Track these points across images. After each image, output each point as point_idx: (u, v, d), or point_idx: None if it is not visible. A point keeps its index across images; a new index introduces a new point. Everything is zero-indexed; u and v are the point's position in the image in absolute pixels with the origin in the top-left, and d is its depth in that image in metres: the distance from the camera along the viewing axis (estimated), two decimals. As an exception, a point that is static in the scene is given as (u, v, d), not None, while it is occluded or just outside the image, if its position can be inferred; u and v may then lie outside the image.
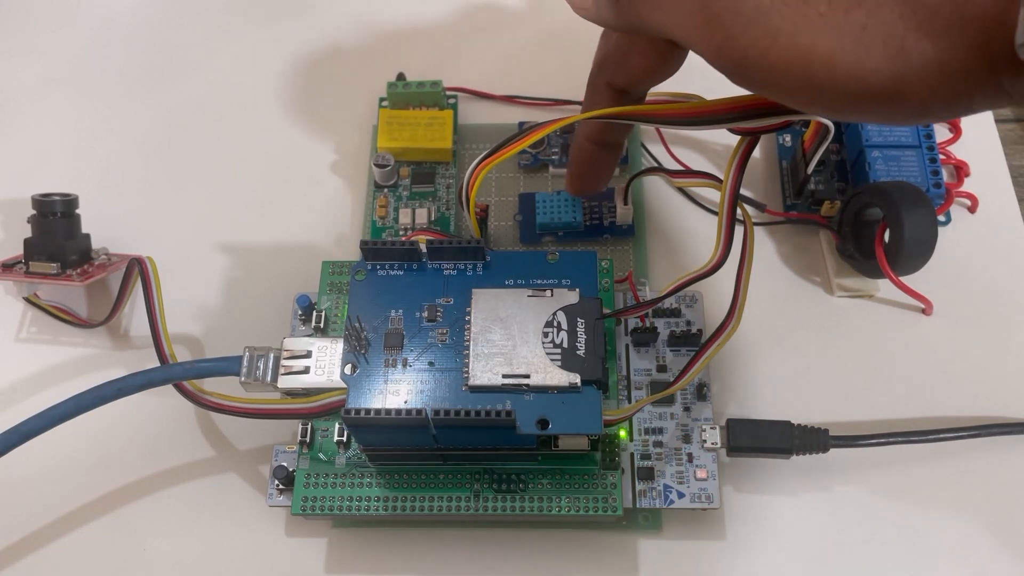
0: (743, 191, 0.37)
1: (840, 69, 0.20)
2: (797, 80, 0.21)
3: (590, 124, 0.30)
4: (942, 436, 0.34)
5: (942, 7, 0.18)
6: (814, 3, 0.20)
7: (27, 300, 0.39)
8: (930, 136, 0.38)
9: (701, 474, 0.32)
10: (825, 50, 0.20)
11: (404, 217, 0.40)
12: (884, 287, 0.38)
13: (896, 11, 0.19)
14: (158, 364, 0.34)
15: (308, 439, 0.32)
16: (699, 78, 0.28)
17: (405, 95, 0.41)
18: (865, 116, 0.21)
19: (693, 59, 0.25)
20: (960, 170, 0.40)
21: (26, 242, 0.38)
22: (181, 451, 0.36)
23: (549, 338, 0.30)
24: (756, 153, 0.37)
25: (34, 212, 0.38)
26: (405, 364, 0.30)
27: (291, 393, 0.32)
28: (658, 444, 0.33)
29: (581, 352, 0.29)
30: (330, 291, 0.35)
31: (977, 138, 0.41)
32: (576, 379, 0.29)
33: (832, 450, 0.33)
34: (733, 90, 0.24)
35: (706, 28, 0.22)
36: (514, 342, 0.30)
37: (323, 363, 0.31)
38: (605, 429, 0.30)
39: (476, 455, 0.31)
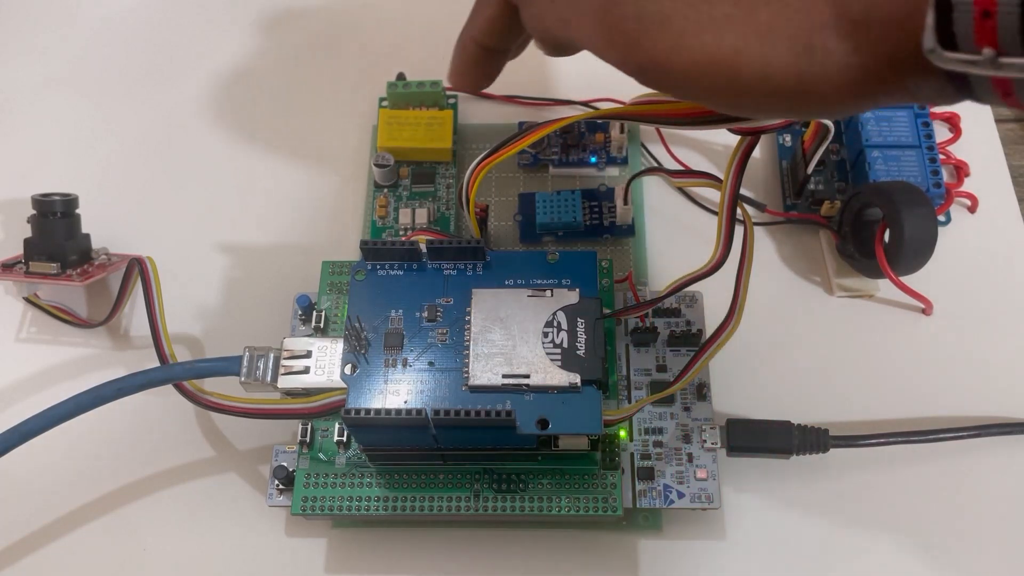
0: (743, 191, 0.37)
1: (746, 68, 0.20)
2: (704, 81, 0.21)
3: (478, 25, 0.29)
4: (942, 436, 0.34)
5: (850, 8, 0.18)
6: (719, 4, 0.20)
7: (27, 300, 0.39)
8: (930, 136, 0.38)
9: (701, 474, 0.32)
10: (731, 49, 0.20)
11: (404, 217, 0.40)
12: (884, 287, 0.38)
13: (803, 11, 0.19)
14: (158, 364, 0.34)
15: (308, 439, 0.32)
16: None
17: (405, 95, 0.41)
18: (773, 113, 0.21)
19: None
20: (960, 170, 0.40)
21: (26, 242, 0.38)
22: (181, 451, 0.36)
23: (549, 338, 0.30)
24: (756, 153, 0.37)
25: (34, 212, 0.38)
26: (405, 364, 0.30)
27: (291, 393, 0.32)
28: (658, 444, 0.33)
29: (581, 352, 0.29)
30: (330, 291, 0.35)
31: (977, 138, 0.41)
32: (576, 379, 0.29)
33: (832, 450, 0.33)
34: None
35: (608, 36, 0.22)
36: (514, 342, 0.30)
37: (323, 363, 0.31)
38: (605, 429, 0.30)
39: (476, 455, 0.31)
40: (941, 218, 0.39)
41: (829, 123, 0.34)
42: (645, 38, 0.21)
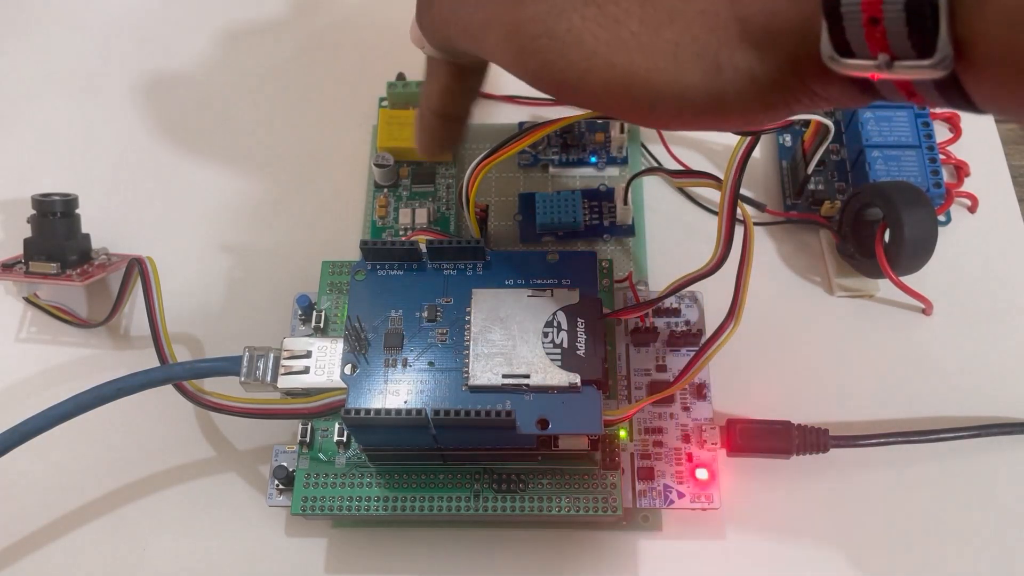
0: (743, 191, 0.37)
1: (658, 87, 0.20)
2: (619, 100, 0.21)
3: (432, 97, 0.30)
4: (942, 436, 0.34)
5: (750, 21, 0.19)
6: (625, 23, 0.20)
7: (27, 300, 0.39)
8: (930, 136, 0.38)
9: (701, 474, 0.32)
10: (642, 70, 0.20)
11: (404, 217, 0.40)
12: (884, 287, 0.38)
13: (707, 27, 0.19)
14: (158, 364, 0.34)
15: (308, 439, 0.32)
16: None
17: (405, 95, 0.41)
18: (694, 127, 0.22)
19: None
20: (960, 170, 0.40)
21: (26, 242, 0.38)
22: (181, 451, 0.36)
23: (549, 338, 0.30)
24: (756, 153, 0.37)
25: (34, 212, 0.38)
26: (405, 364, 0.30)
27: (291, 393, 0.32)
28: (658, 444, 0.33)
29: (581, 352, 0.29)
30: (330, 291, 0.35)
31: (977, 138, 0.41)
32: (576, 379, 0.29)
33: (832, 450, 0.33)
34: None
35: (519, 55, 0.22)
36: (514, 342, 0.30)
37: (323, 363, 0.31)
38: (605, 429, 0.30)
39: (476, 455, 0.31)
40: (941, 218, 0.39)
41: (829, 123, 0.34)
42: (556, 59, 0.21)
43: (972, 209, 0.40)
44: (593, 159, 0.41)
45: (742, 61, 0.19)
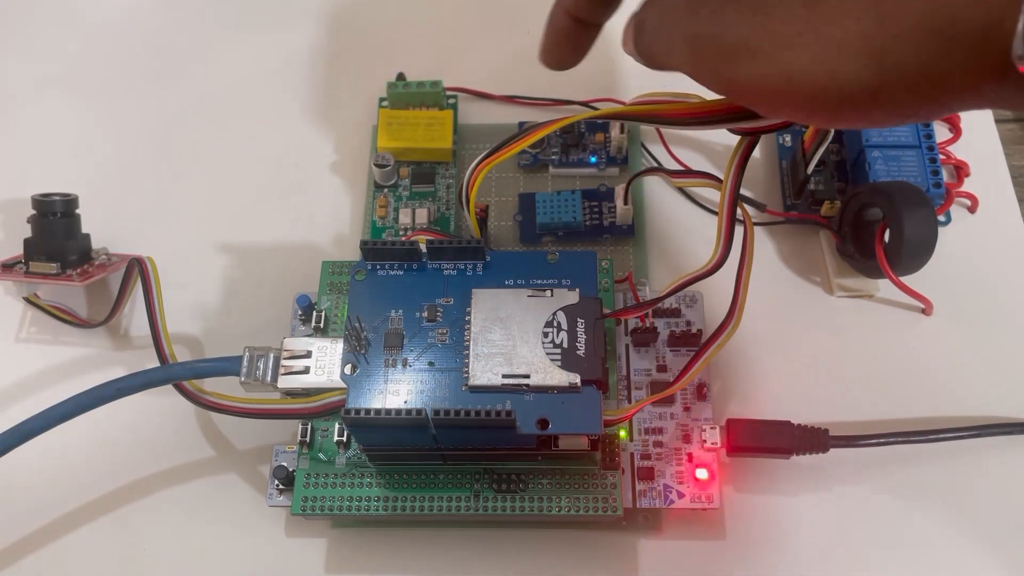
0: (743, 191, 0.37)
1: (820, 83, 0.21)
2: (784, 97, 0.22)
3: None
4: (942, 436, 0.34)
5: (931, 18, 0.19)
6: (791, 22, 0.21)
7: (27, 300, 0.39)
8: (930, 136, 0.38)
9: (701, 474, 0.32)
10: (805, 66, 0.21)
11: (404, 217, 0.40)
12: (884, 287, 0.38)
13: (872, 22, 0.19)
14: (158, 364, 0.34)
15: (308, 439, 0.32)
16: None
17: (405, 95, 0.41)
18: (850, 124, 0.22)
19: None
20: (960, 170, 0.40)
21: (26, 242, 0.38)
22: (181, 451, 0.36)
23: (549, 338, 0.30)
24: (756, 153, 0.37)
25: (34, 212, 0.38)
26: (405, 364, 0.30)
27: (291, 393, 0.32)
28: (658, 444, 0.33)
29: (581, 352, 0.29)
30: (330, 291, 0.35)
31: (977, 138, 0.41)
32: (576, 379, 0.29)
33: (832, 450, 0.33)
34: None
35: (698, 64, 0.24)
36: (514, 342, 0.30)
37: (323, 363, 0.31)
38: (605, 429, 0.30)
39: (476, 455, 0.31)
40: (941, 218, 0.39)
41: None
42: (728, 65, 0.22)
43: (972, 209, 0.40)
44: (593, 159, 0.41)
45: (910, 57, 0.19)
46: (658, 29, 0.26)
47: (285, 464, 0.32)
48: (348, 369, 0.30)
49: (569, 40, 0.30)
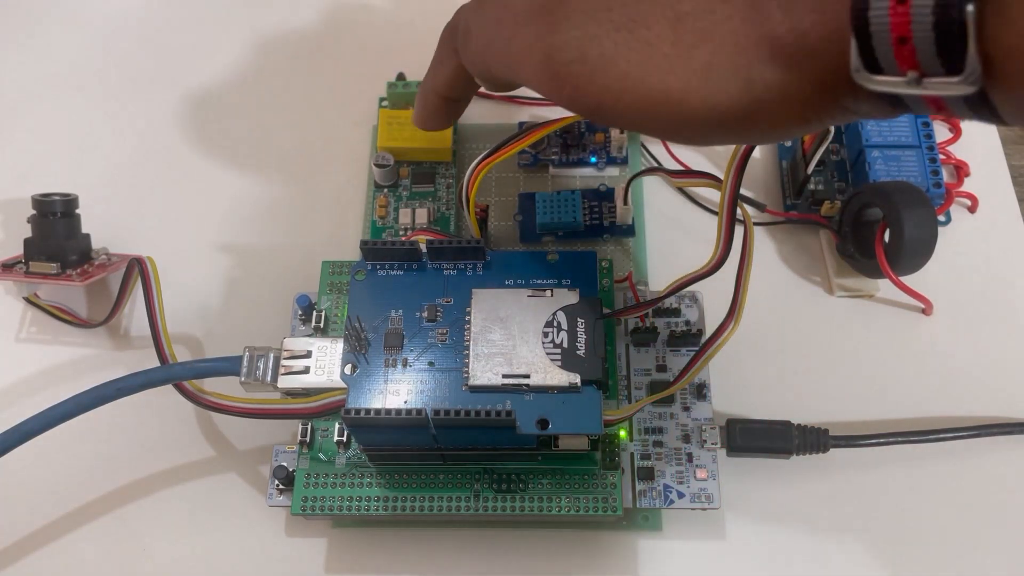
0: (743, 191, 0.37)
1: (692, 106, 0.20)
2: (653, 119, 0.21)
3: (439, 80, 0.31)
4: (942, 436, 0.34)
5: (781, 40, 0.19)
6: (658, 45, 0.20)
7: (27, 300, 0.39)
8: (930, 136, 0.38)
9: (701, 474, 0.32)
10: (676, 89, 0.20)
11: (404, 217, 0.40)
12: (884, 287, 0.38)
13: (740, 46, 0.20)
14: (158, 364, 0.34)
15: (308, 439, 0.32)
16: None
17: (405, 95, 0.41)
18: (726, 143, 0.22)
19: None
20: (960, 170, 0.40)
21: (26, 242, 0.38)
22: (181, 451, 0.36)
23: (549, 338, 0.30)
24: (756, 153, 0.37)
25: (34, 212, 0.38)
26: (405, 364, 0.30)
27: (291, 393, 0.32)
28: (658, 444, 0.33)
29: (581, 352, 0.29)
30: (330, 291, 0.35)
31: (977, 138, 0.41)
32: (576, 379, 0.29)
33: (832, 450, 0.33)
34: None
35: (555, 81, 0.23)
36: (514, 342, 0.30)
37: (323, 363, 0.31)
38: (605, 429, 0.30)
39: (476, 455, 0.31)
40: (941, 218, 0.39)
41: (829, 123, 0.34)
42: (591, 82, 0.22)
43: (972, 209, 0.40)
44: (593, 159, 0.41)
45: (773, 79, 0.19)
46: (492, 41, 0.25)
47: (285, 464, 0.32)
48: (348, 369, 0.30)
49: (440, 113, 0.32)
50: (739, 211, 0.29)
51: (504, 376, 0.29)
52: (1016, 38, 0.16)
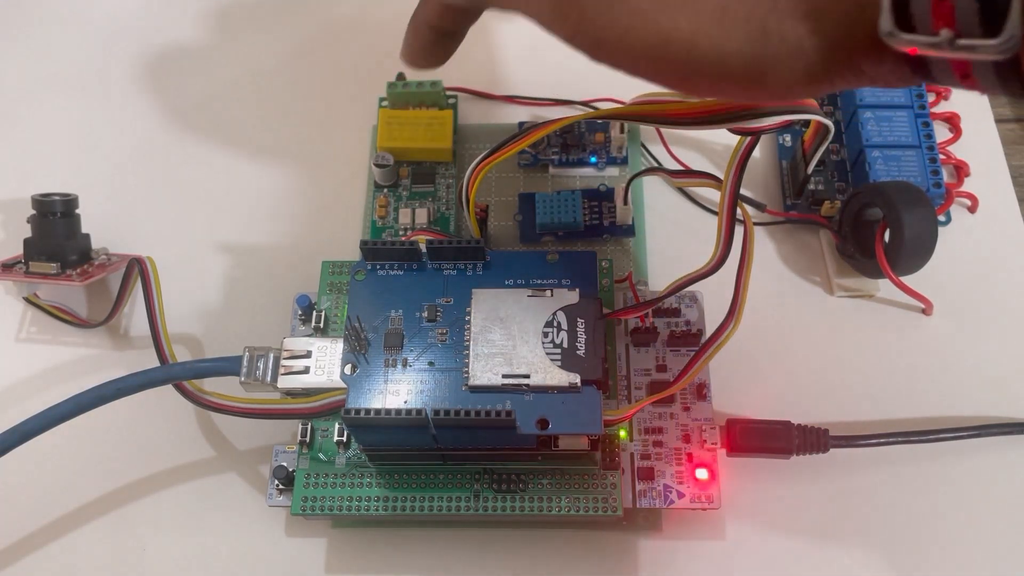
0: (743, 191, 0.37)
1: (701, 50, 0.20)
2: (658, 62, 0.20)
3: (430, 6, 0.29)
4: (942, 436, 0.34)
5: None
6: None
7: (27, 300, 0.39)
8: (930, 136, 0.38)
9: (701, 474, 0.32)
10: (686, 31, 0.20)
11: (404, 217, 0.40)
12: (884, 287, 0.38)
13: None
14: (158, 364, 0.34)
15: (308, 439, 0.32)
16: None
17: (405, 95, 0.41)
18: (727, 95, 0.21)
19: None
20: (960, 170, 0.40)
21: (26, 242, 0.38)
22: (181, 451, 0.36)
23: (549, 338, 0.30)
24: (756, 153, 0.37)
25: (34, 212, 0.38)
26: (405, 364, 0.30)
27: (291, 393, 0.32)
28: (658, 444, 0.33)
29: (581, 352, 0.29)
30: (330, 291, 0.35)
31: (977, 138, 0.41)
32: (576, 379, 0.29)
33: (832, 450, 0.33)
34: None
35: (559, 9, 0.22)
36: (514, 342, 0.30)
37: (323, 363, 0.31)
38: (605, 429, 0.30)
39: (476, 455, 0.31)
40: (941, 218, 0.39)
41: (829, 123, 0.34)
42: (600, 14, 0.21)
43: (972, 209, 0.40)
44: (593, 159, 0.41)
45: (791, 31, 0.19)
46: None
47: (285, 464, 0.32)
48: (348, 369, 0.30)
49: (433, 48, 0.30)
50: (739, 211, 0.29)
51: (504, 376, 0.29)
52: None
